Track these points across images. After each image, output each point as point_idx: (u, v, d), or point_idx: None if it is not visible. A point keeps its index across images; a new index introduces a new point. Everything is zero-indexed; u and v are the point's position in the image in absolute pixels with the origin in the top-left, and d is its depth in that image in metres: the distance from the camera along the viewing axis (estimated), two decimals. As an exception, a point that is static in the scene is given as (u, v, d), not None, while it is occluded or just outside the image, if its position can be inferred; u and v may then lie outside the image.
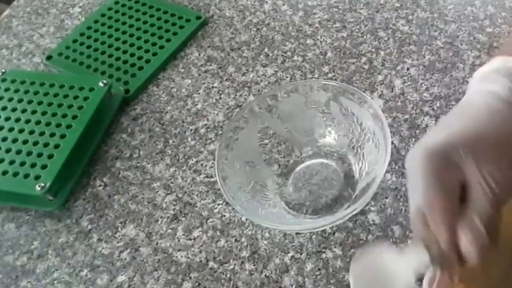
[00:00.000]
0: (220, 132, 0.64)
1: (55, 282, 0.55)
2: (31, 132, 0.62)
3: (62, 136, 0.62)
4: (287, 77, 0.68)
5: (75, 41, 0.75)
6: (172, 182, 0.60)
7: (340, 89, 0.57)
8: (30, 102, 0.65)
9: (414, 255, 0.37)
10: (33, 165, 0.60)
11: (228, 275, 0.53)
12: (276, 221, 0.53)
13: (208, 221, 0.57)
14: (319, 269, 0.52)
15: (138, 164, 0.63)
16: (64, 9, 0.81)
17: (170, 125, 0.66)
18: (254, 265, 0.53)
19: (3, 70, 0.69)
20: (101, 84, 0.65)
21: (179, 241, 0.56)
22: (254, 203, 0.54)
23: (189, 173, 0.61)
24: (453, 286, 0.35)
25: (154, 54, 0.72)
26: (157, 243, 0.56)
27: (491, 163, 0.34)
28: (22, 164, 0.60)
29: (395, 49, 0.69)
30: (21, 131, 0.63)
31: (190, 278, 0.53)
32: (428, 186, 0.34)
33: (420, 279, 0.37)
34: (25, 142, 0.62)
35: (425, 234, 0.36)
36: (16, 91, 0.67)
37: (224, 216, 0.57)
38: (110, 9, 0.78)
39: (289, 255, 0.53)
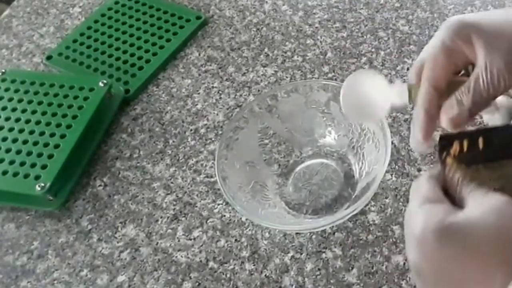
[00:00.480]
0: (220, 132, 0.64)
1: (55, 282, 0.55)
2: (31, 132, 0.62)
3: (62, 136, 0.62)
4: (287, 77, 0.68)
5: (75, 41, 0.75)
6: (172, 182, 0.60)
7: (340, 89, 0.57)
8: (30, 102, 0.65)
9: (398, 91, 0.42)
10: (33, 165, 0.60)
11: (228, 275, 0.53)
12: (276, 221, 0.53)
13: (208, 221, 0.57)
14: (319, 269, 0.52)
15: (138, 164, 0.63)
16: (64, 9, 0.81)
17: (170, 125, 0.66)
18: (254, 265, 0.53)
19: (3, 70, 0.69)
20: (101, 84, 0.65)
21: (179, 241, 0.56)
22: (254, 203, 0.54)
23: (189, 173, 0.61)
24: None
25: (154, 54, 0.72)
26: (157, 243, 0.56)
27: (499, 52, 0.36)
28: (22, 164, 0.60)
29: (395, 49, 0.69)
30: (21, 131, 0.63)
31: (190, 278, 0.53)
32: (438, 44, 0.38)
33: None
34: (25, 142, 0.62)
35: (412, 80, 0.41)
36: (16, 91, 0.67)
37: (224, 216, 0.57)
38: (110, 9, 0.78)
39: (289, 255, 0.53)
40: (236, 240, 0.55)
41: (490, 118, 0.51)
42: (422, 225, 0.33)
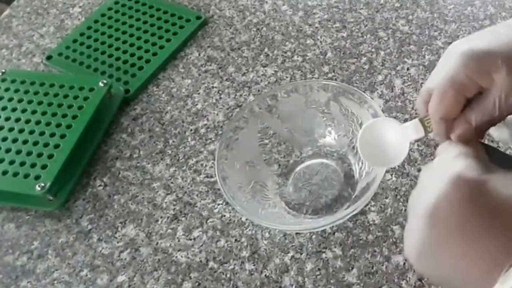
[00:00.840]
0: (220, 132, 0.64)
1: (55, 282, 0.55)
2: (31, 132, 0.62)
3: (62, 136, 0.62)
4: (287, 77, 0.68)
5: (75, 41, 0.75)
6: (172, 182, 0.60)
7: (340, 89, 0.57)
8: (30, 102, 0.65)
9: (412, 127, 0.43)
10: (33, 165, 0.60)
11: (228, 275, 0.53)
12: (276, 221, 0.53)
13: (208, 221, 0.57)
14: (319, 269, 0.52)
15: (138, 164, 0.63)
16: (64, 9, 0.81)
17: (170, 125, 0.66)
18: (254, 265, 0.53)
19: (3, 70, 0.69)
20: (101, 84, 0.65)
21: (179, 241, 0.56)
22: (254, 203, 0.54)
23: (189, 173, 0.61)
24: None
25: (154, 54, 0.72)
26: (157, 243, 0.56)
27: None
28: (22, 164, 0.60)
29: (395, 49, 0.69)
30: (21, 131, 0.63)
31: (190, 278, 0.53)
32: (446, 79, 0.37)
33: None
34: (25, 142, 0.62)
35: (422, 112, 0.42)
36: (16, 91, 0.67)
37: (224, 216, 0.57)
38: (110, 9, 0.78)
39: (289, 255, 0.53)
40: (236, 240, 0.55)
41: (499, 134, 0.51)
42: (459, 171, 0.32)
